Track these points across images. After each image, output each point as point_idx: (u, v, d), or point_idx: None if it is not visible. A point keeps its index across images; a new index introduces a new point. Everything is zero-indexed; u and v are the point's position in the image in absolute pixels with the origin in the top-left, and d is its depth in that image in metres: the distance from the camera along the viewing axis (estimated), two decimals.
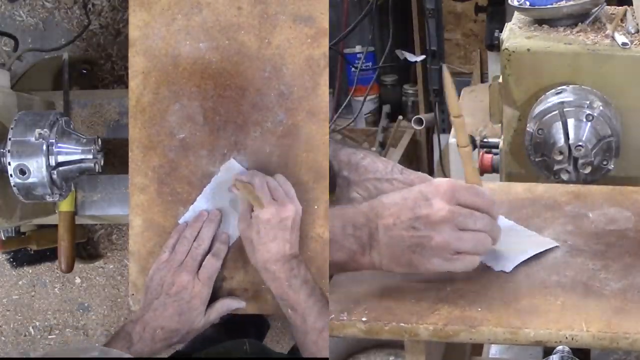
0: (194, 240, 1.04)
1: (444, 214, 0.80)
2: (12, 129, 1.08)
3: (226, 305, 1.06)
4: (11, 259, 2.12)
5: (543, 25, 1.24)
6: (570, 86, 1.17)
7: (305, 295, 0.98)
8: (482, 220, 0.82)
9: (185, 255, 1.03)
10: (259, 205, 0.98)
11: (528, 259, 0.89)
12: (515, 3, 1.27)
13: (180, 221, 1.08)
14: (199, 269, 1.03)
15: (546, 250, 0.91)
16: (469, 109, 1.85)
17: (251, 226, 0.99)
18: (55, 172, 1.10)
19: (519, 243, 0.92)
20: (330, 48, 1.11)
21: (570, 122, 1.14)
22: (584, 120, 1.13)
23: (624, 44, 1.15)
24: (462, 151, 0.87)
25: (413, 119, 2.21)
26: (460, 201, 0.81)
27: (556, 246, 0.92)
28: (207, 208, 1.08)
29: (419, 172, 1.02)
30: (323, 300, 0.99)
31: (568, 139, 1.14)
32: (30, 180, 1.08)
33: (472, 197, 0.82)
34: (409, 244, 0.81)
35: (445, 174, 2.11)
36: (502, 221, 0.97)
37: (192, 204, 1.08)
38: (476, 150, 1.37)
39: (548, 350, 0.99)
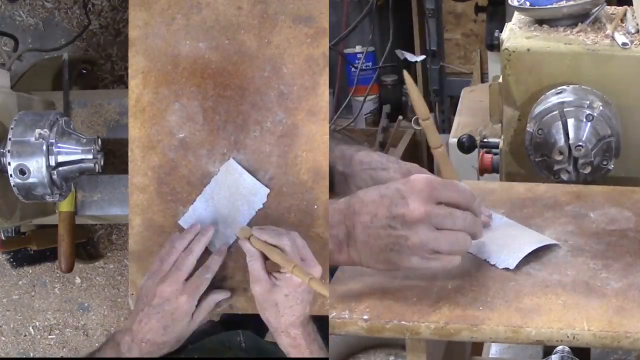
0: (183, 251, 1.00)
1: (419, 214, 0.78)
2: (12, 129, 1.08)
3: (212, 302, 1.02)
4: (11, 259, 2.12)
5: (543, 25, 1.24)
6: (570, 86, 1.17)
7: None
8: (462, 220, 0.80)
9: (172, 265, 0.99)
10: (288, 264, 0.91)
11: (530, 259, 0.89)
12: (515, 3, 1.27)
13: (180, 221, 1.08)
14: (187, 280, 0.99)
15: (548, 250, 0.91)
16: (469, 109, 1.85)
17: (275, 289, 0.94)
18: (55, 172, 1.10)
19: (520, 239, 0.92)
20: (330, 48, 1.11)
21: (570, 122, 1.14)
22: (584, 120, 1.13)
23: (624, 44, 1.15)
24: (436, 152, 0.86)
25: (413, 119, 2.21)
26: (441, 199, 0.79)
27: (556, 244, 0.92)
28: (206, 209, 1.07)
29: (414, 164, 1.03)
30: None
31: (568, 139, 1.14)
32: (30, 180, 1.08)
33: (450, 194, 0.80)
34: (386, 243, 0.79)
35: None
36: (502, 219, 0.97)
37: (192, 204, 1.08)
38: (476, 150, 1.37)
39: (548, 350, 0.99)
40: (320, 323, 1.00)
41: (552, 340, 0.78)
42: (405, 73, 0.86)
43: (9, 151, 1.07)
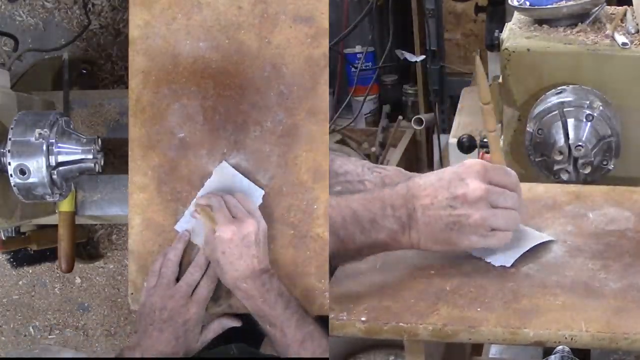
0: (189, 267, 1.04)
1: (481, 192, 0.84)
2: (12, 129, 1.08)
3: (222, 324, 1.06)
4: (11, 259, 2.12)
5: (543, 25, 1.24)
6: (570, 86, 1.17)
7: (282, 308, 0.98)
8: (512, 198, 0.86)
9: (171, 277, 1.03)
10: (213, 223, 0.98)
11: (528, 259, 0.89)
12: (515, 3, 1.27)
13: (176, 227, 1.08)
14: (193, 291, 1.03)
15: (546, 251, 0.91)
16: (469, 109, 1.85)
17: (216, 248, 0.99)
18: (55, 172, 1.10)
19: (516, 237, 0.92)
20: (330, 48, 1.11)
21: (570, 122, 1.14)
22: (584, 120, 1.13)
23: (624, 44, 1.15)
24: (490, 136, 0.93)
25: (413, 119, 2.21)
26: (492, 181, 0.86)
27: (553, 241, 0.92)
28: None
29: (391, 167, 1.06)
30: (300, 310, 0.99)
31: (568, 139, 1.14)
32: (30, 180, 1.08)
33: (502, 177, 0.87)
34: (446, 222, 0.85)
35: None
36: None
37: (187, 209, 1.08)
38: (476, 150, 1.37)
39: (548, 350, 0.99)
40: (320, 323, 1.00)
41: (550, 342, 0.78)
42: (477, 57, 0.92)
43: (9, 151, 1.07)
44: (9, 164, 1.07)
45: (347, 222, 0.88)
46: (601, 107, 1.13)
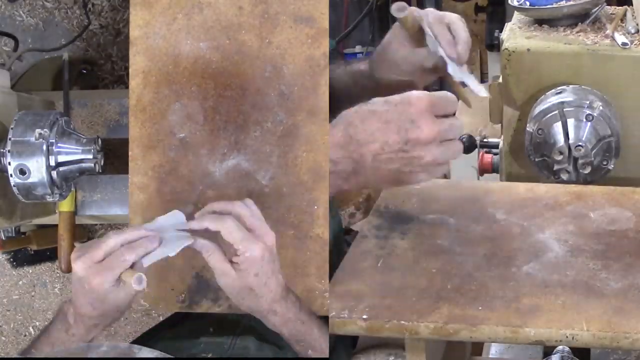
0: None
1: (434, 135, 0.85)
2: (12, 129, 1.08)
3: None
4: (11, 259, 2.12)
5: (543, 25, 1.24)
6: (570, 86, 1.17)
7: (317, 329, 0.91)
8: (458, 129, 0.88)
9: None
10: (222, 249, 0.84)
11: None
12: (515, 3, 1.27)
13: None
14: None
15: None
16: (469, 109, 1.85)
17: (243, 274, 0.84)
18: (55, 172, 1.10)
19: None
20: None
21: (570, 122, 1.14)
22: (584, 120, 1.13)
23: (624, 44, 1.15)
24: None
25: None
26: (439, 113, 0.86)
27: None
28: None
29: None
30: (325, 324, 0.92)
31: (568, 139, 1.14)
32: (30, 180, 1.08)
33: (447, 107, 0.87)
34: (399, 166, 0.86)
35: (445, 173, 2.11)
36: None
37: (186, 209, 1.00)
38: (476, 150, 1.37)
39: (548, 351, 0.99)
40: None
41: (551, 341, 0.78)
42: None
43: (9, 151, 1.07)
44: (9, 164, 1.07)
45: None
46: (601, 107, 1.13)
